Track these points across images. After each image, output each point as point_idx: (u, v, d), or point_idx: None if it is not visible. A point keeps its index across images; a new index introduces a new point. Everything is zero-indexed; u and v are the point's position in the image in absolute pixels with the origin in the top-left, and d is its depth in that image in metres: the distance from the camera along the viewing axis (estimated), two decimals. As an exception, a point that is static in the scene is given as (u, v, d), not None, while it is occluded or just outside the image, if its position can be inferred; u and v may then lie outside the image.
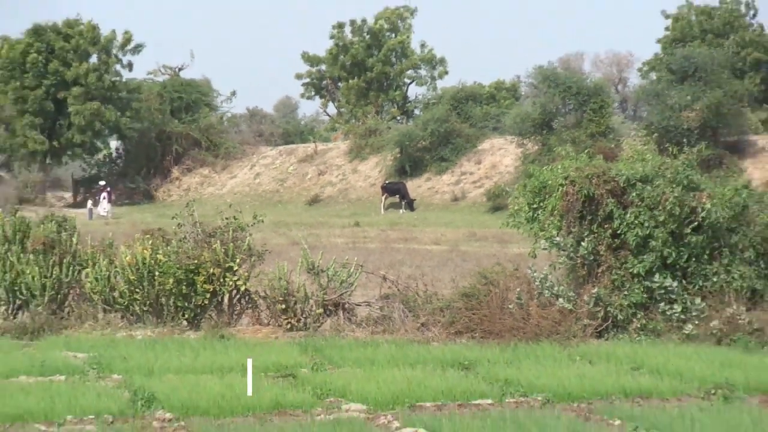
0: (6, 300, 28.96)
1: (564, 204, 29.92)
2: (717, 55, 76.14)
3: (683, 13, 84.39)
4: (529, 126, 74.21)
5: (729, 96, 72.43)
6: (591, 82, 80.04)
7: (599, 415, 19.16)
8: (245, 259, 30.11)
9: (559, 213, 30.02)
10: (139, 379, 21.70)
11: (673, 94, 72.60)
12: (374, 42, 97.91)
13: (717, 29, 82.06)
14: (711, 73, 73.01)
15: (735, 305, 28.51)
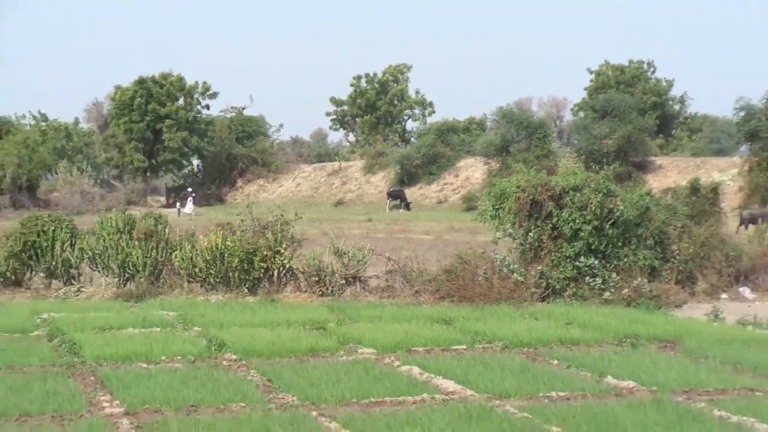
0: (118, 274, 29.02)
1: (517, 205, 30.09)
2: (627, 99, 76.37)
3: (603, 69, 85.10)
4: (492, 150, 74.40)
5: (636, 129, 72.68)
6: (537, 118, 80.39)
7: (542, 357, 19.43)
8: (289, 244, 30.21)
9: (513, 212, 30.19)
10: (213, 330, 21.93)
11: (595, 127, 72.99)
12: (382, 89, 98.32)
13: (627, 81, 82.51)
14: (623, 112, 73.15)
15: (639, 278, 28.58)
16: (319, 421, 13.75)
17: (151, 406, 14.75)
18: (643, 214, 29.84)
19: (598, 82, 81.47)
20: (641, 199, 31.02)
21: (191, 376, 17.13)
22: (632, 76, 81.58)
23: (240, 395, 15.53)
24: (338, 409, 14.55)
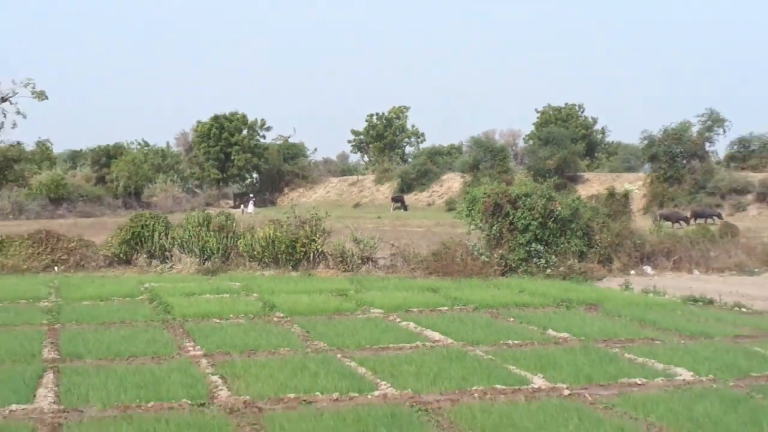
0: (199, 255, 28.97)
1: (484, 207, 30.00)
2: (563, 131, 76.05)
3: (546, 109, 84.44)
4: (467, 167, 74.24)
5: (569, 153, 72.38)
6: (499, 144, 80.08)
7: (502, 316, 19.41)
8: (321, 235, 30.16)
9: (481, 212, 30.09)
10: (266, 296, 21.89)
11: (540, 151, 72.77)
12: (387, 124, 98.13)
13: (563, 117, 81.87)
14: (560, 141, 72.83)
15: (572, 260, 28.54)
16: (342, 361, 13.81)
17: (222, 350, 14.84)
18: (574, 213, 29.81)
19: (542, 119, 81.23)
20: (573, 202, 31.01)
21: (251, 328, 17.23)
22: (567, 115, 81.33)
23: (285, 342, 15.62)
24: (356, 352, 14.61)
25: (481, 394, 11.77)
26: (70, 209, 62.79)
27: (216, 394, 11.61)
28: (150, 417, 10.47)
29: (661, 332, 16.99)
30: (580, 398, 11.61)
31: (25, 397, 11.34)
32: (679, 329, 17.26)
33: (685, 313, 19.83)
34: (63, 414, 10.63)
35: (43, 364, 13.57)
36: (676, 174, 64.34)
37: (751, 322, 18.52)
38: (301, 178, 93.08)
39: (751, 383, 12.45)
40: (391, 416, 10.48)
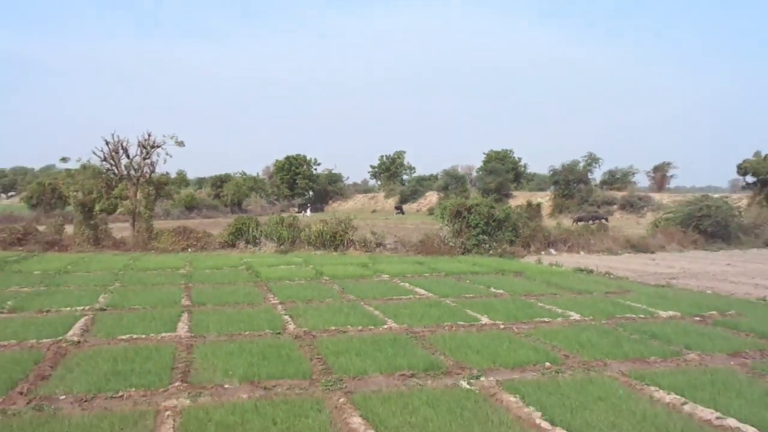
0: (276, 241, 28.81)
1: (450, 212, 29.79)
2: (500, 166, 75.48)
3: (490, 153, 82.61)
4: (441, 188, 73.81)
5: (504, 179, 71.96)
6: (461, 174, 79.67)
7: (462, 279, 19.15)
8: (351, 229, 29.93)
9: (449, 215, 29.90)
10: (317, 266, 21.62)
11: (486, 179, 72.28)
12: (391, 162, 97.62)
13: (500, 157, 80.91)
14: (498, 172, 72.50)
15: (505, 245, 28.39)
16: (364, 307, 13.78)
17: (290, 299, 14.80)
18: (507, 216, 29.57)
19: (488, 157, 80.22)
20: (505, 210, 30.75)
21: (308, 286, 17.18)
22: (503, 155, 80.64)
23: (329, 295, 15.58)
24: (372, 301, 14.57)
25: (449, 327, 11.80)
26: (197, 213, 63.03)
27: (286, 326, 11.65)
28: (246, 340, 10.53)
29: (560, 290, 16.93)
30: (510, 330, 11.62)
31: (171, 328, 11.41)
32: (571, 288, 17.21)
33: (574, 278, 19.74)
34: (193, 338, 10.69)
35: (181, 308, 13.60)
36: (569, 193, 64.50)
37: (615, 284, 18.48)
38: (338, 195, 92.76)
39: (616, 321, 12.46)
40: (394, 339, 10.54)
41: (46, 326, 11.57)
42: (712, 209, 33.94)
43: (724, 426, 6.78)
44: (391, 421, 6.77)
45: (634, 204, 60.02)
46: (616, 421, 6.85)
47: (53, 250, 28.49)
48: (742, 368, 9.22)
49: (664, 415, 7.10)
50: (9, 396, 7.66)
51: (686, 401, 7.50)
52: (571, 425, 6.71)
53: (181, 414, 7.01)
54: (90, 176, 33.00)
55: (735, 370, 9.11)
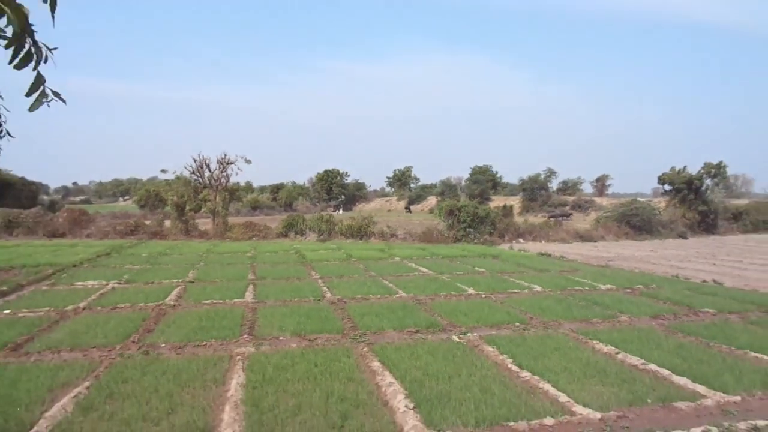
0: (318, 232, 28.84)
1: (445, 211, 29.75)
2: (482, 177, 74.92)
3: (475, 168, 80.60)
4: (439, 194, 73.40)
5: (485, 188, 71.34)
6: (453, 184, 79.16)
7: (454, 261, 19.05)
8: (372, 223, 29.92)
9: (444, 213, 29.83)
10: (348, 251, 21.57)
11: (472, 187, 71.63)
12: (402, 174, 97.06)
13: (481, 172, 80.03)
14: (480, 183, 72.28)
15: (486, 236, 28.44)
16: (382, 281, 13.76)
17: (327, 275, 14.79)
18: (487, 214, 29.45)
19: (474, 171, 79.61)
20: (486, 210, 30.67)
21: (340, 265, 17.15)
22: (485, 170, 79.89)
23: (356, 272, 15.56)
24: (388, 277, 14.55)
25: (444, 296, 11.77)
26: (260, 212, 62.97)
27: (324, 295, 11.66)
28: (295, 304, 10.54)
29: (527, 268, 16.84)
30: (489, 298, 11.57)
31: (240, 296, 11.45)
32: (534, 267, 17.12)
33: (537, 260, 19.62)
34: (256, 303, 10.72)
35: (248, 281, 13.62)
36: (533, 197, 64.16)
37: (568, 264, 18.34)
38: (363, 198, 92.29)
39: (568, 292, 12.37)
40: (403, 305, 10.52)
41: (151, 293, 11.70)
42: (639, 210, 34.35)
43: (647, 369, 6.80)
44: (401, 364, 6.80)
45: (582, 206, 59.70)
46: (567, 366, 6.86)
47: (156, 238, 28.72)
48: (661, 327, 9.18)
49: (603, 361, 7.10)
50: (125, 344, 7.79)
51: (619, 351, 7.51)
52: (534, 368, 6.72)
53: (248, 358, 7.07)
54: (182, 184, 33.23)
55: (655, 328, 9.08)
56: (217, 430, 4.92)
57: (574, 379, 6.39)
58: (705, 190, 38.06)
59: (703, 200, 37.42)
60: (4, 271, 15.22)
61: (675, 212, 37.08)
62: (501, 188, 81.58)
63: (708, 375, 6.58)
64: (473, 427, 5.07)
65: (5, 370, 6.49)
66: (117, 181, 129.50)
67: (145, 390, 5.83)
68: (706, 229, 36.78)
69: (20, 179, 49.71)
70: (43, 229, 29.18)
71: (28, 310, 10.00)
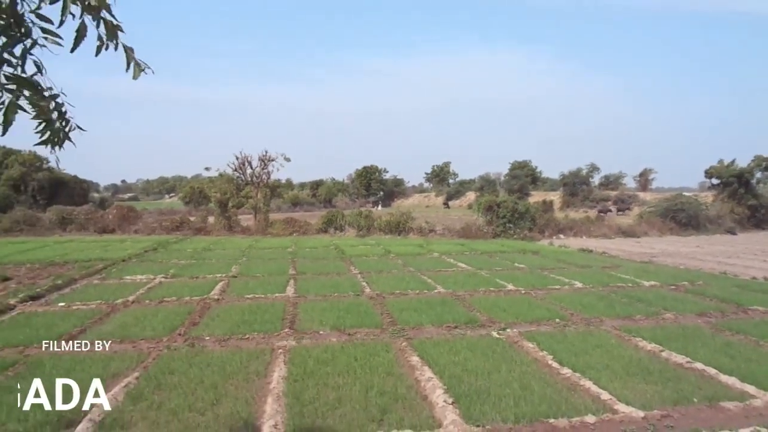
0: (356, 228, 28.97)
1: (484, 206, 29.50)
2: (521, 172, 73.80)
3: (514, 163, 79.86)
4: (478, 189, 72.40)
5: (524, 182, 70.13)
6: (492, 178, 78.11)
7: (493, 257, 18.85)
8: (410, 219, 29.84)
9: (483, 208, 29.58)
10: (386, 246, 21.59)
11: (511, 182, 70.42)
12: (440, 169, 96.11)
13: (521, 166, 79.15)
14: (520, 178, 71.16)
15: (526, 231, 27.98)
16: (421, 276, 13.75)
17: (366, 270, 14.83)
18: (527, 209, 29.08)
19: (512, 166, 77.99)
20: (526, 205, 30.28)
21: (379, 261, 17.18)
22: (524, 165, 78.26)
23: (395, 267, 15.58)
24: (426, 272, 14.53)
25: (483, 291, 11.68)
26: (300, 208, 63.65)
27: (364, 290, 11.72)
28: (335, 299, 10.63)
29: (567, 264, 16.57)
30: (529, 294, 11.43)
31: (281, 290, 11.60)
32: (575, 263, 16.83)
33: (578, 256, 19.28)
34: (297, 298, 10.84)
35: (288, 276, 13.79)
36: (574, 192, 62.95)
37: (609, 260, 17.96)
38: (401, 194, 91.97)
39: (610, 289, 12.12)
40: (442, 300, 10.50)
41: (196, 288, 11.98)
42: (685, 204, 33.40)
43: (693, 368, 6.61)
44: (440, 359, 6.78)
45: (624, 201, 58.25)
46: (609, 363, 6.72)
47: (200, 234, 29.37)
48: (707, 325, 8.90)
49: (647, 359, 6.94)
50: (171, 336, 8.01)
51: (663, 349, 7.33)
52: (575, 365, 6.62)
53: (289, 351, 7.17)
54: (225, 182, 33.89)
55: (701, 326, 8.81)
56: (260, 422, 5.01)
57: (616, 377, 6.26)
58: (756, 184, 36.74)
59: (754, 194, 36.14)
60: (59, 266, 15.87)
61: (723, 207, 35.91)
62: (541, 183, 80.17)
63: (758, 374, 6.34)
64: (513, 423, 5.03)
65: (60, 360, 6.76)
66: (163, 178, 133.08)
67: (191, 381, 5.99)
68: (756, 224, 35.51)
69: (73, 177, 51.53)
70: (94, 225, 30.25)
71: (81, 303, 10.39)
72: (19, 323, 8.77)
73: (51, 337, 7.81)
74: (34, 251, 19.72)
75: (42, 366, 6.52)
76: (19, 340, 7.69)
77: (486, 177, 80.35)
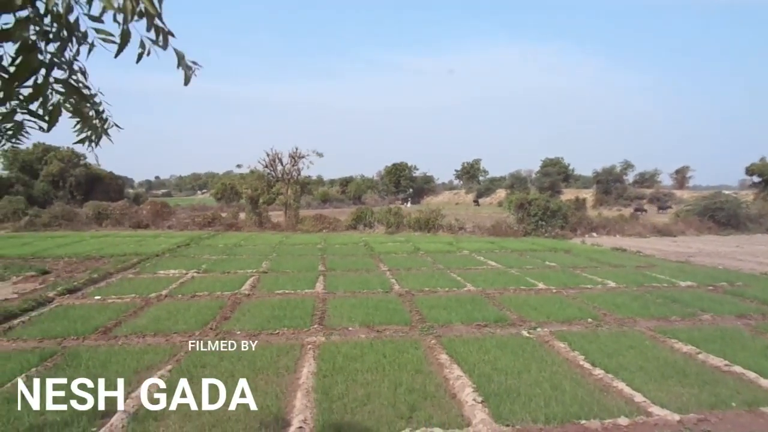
0: (386, 225, 28.97)
1: (515, 204, 29.17)
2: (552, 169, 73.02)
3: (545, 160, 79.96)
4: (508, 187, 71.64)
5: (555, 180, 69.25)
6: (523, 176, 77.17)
7: (524, 255, 18.66)
8: (440, 216, 29.66)
9: (514, 206, 29.25)
10: (415, 243, 21.54)
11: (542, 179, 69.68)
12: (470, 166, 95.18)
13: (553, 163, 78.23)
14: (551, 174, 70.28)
15: (557, 229, 27.67)
16: (450, 274, 13.68)
17: (395, 267, 14.83)
18: (559, 207, 28.66)
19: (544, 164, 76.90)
20: (558, 203, 29.86)
21: (408, 258, 17.17)
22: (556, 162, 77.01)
23: (424, 265, 15.55)
24: (456, 270, 14.46)
25: (514, 290, 11.57)
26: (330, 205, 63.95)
27: (393, 287, 11.73)
28: (364, 296, 10.67)
29: (600, 263, 16.30)
30: (560, 293, 11.29)
31: (311, 286, 11.69)
32: (608, 262, 16.55)
33: (611, 255, 18.94)
34: (326, 294, 10.92)
35: (318, 272, 13.87)
36: (607, 190, 61.87)
37: (644, 260, 17.59)
38: (431, 191, 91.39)
39: (644, 289, 11.89)
40: (472, 298, 10.44)
41: (227, 283, 12.16)
42: (724, 203, 32.51)
43: (731, 371, 6.43)
44: (469, 358, 6.75)
45: (660, 199, 57.05)
46: (643, 365, 6.59)
47: (231, 230, 29.76)
48: (747, 327, 8.65)
49: (683, 361, 6.78)
50: (203, 330, 8.15)
51: (700, 351, 7.15)
52: (607, 366, 6.51)
53: (319, 347, 7.22)
54: (256, 178, 34.33)
55: (741, 328, 8.56)
56: (289, 416, 5.07)
57: (651, 379, 6.14)
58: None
59: (797, 192, 34.99)
60: (95, 260, 16.29)
61: (765, 205, 34.88)
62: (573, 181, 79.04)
63: (800, 379, 6.15)
64: (543, 424, 4.98)
65: (96, 352, 6.95)
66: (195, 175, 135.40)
67: (222, 375, 6.07)
68: (799, 223, 34.34)
69: (108, 174, 52.81)
70: (128, 220, 30.93)
71: (116, 297, 10.65)
72: (58, 315, 9.04)
73: (87, 330, 8.04)
74: (71, 245, 20.29)
75: (78, 357, 6.71)
76: (57, 332, 7.93)
77: (517, 174, 79.53)
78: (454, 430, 4.86)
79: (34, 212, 30.92)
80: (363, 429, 4.86)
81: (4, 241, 22.16)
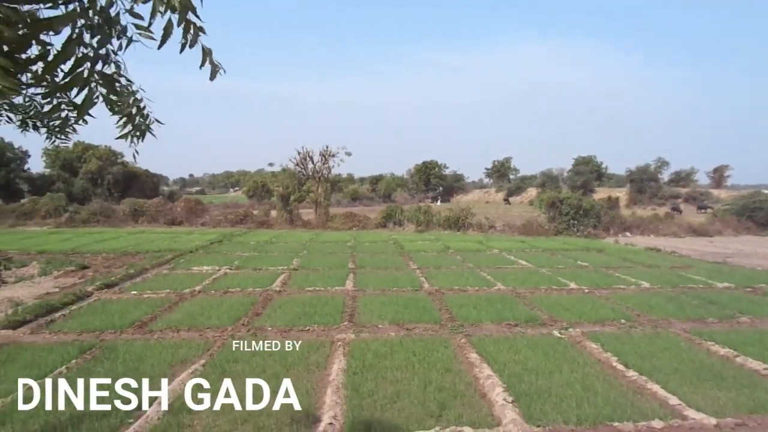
0: (415, 224, 28.90)
1: (547, 203, 28.81)
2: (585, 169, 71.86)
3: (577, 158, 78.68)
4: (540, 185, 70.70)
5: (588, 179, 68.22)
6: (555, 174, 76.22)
7: (555, 254, 18.42)
8: (470, 215, 29.49)
9: (546, 205, 28.90)
10: (445, 242, 21.46)
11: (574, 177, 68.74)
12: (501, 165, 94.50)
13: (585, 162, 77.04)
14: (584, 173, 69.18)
15: (590, 228, 27.24)
16: (480, 273, 13.59)
17: (425, 266, 14.80)
18: (591, 206, 28.19)
19: (576, 162, 75.81)
20: (590, 202, 29.36)
21: (438, 256, 17.10)
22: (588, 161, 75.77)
23: (453, 263, 15.48)
24: (486, 269, 14.35)
25: (545, 289, 11.44)
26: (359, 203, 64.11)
27: (422, 285, 11.70)
28: (394, 294, 10.67)
29: (633, 263, 15.99)
30: (593, 293, 11.11)
31: (341, 284, 11.75)
32: (642, 262, 16.22)
33: (645, 255, 18.55)
34: (356, 292, 10.95)
35: (348, 270, 13.93)
36: (641, 189, 60.61)
37: (679, 260, 17.19)
38: (461, 190, 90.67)
39: (679, 290, 11.61)
40: (502, 298, 10.35)
41: (259, 279, 12.31)
42: (764, 203, 31.53)
43: (771, 376, 6.25)
44: (499, 357, 6.70)
45: (697, 198, 55.61)
46: (678, 367, 6.45)
47: (263, 227, 30.10)
48: (788, 331, 8.37)
49: (719, 364, 6.61)
50: (236, 326, 8.28)
51: (738, 354, 6.96)
52: (641, 368, 6.39)
53: (349, 344, 7.26)
54: (287, 176, 34.67)
55: (782, 332, 8.29)
56: (319, 412, 5.11)
57: (686, 381, 6.00)
58: (843, 181, 34.25)
59: (841, 192, 33.73)
60: (131, 255, 16.68)
61: (807, 206, 33.71)
62: (606, 179, 77.58)
63: None
64: (575, 425, 4.91)
65: (133, 346, 7.12)
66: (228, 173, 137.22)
67: (254, 370, 6.16)
68: (843, 224, 33.10)
69: (144, 171, 53.97)
70: (163, 217, 31.56)
71: (152, 292, 10.89)
72: (96, 310, 9.29)
73: (124, 324, 8.24)
74: (109, 241, 20.81)
75: (116, 351, 6.89)
76: (95, 326, 8.16)
77: (548, 173, 78.48)
78: (484, 429, 4.83)
79: (74, 209, 31.82)
80: (393, 426, 4.87)
81: (46, 236, 22.84)
